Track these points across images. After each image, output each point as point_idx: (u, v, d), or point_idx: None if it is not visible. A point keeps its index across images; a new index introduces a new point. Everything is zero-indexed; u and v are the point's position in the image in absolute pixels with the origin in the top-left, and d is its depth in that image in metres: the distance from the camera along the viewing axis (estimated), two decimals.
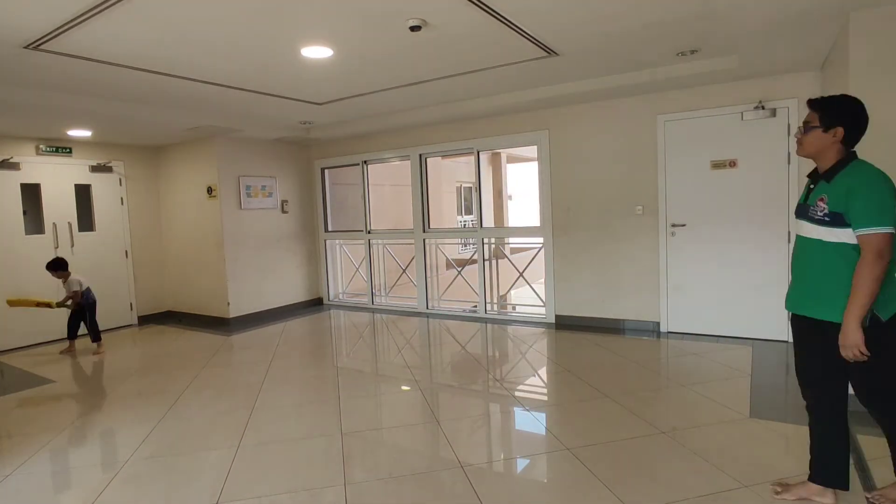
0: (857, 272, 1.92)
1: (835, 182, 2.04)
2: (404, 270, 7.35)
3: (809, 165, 2.16)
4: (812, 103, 2.14)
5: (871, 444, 2.71)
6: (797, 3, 2.88)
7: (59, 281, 5.34)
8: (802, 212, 2.15)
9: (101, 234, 6.52)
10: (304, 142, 7.26)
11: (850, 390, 2.13)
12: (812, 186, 2.15)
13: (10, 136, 5.71)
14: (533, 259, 6.38)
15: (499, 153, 12.78)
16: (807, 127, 2.12)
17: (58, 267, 5.30)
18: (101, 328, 5.52)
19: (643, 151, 5.10)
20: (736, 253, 4.73)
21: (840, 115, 2.06)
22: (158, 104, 5.02)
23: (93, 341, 5.45)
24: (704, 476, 2.47)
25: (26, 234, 5.87)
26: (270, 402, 3.76)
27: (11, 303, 5.21)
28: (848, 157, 2.07)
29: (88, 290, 5.43)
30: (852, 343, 1.93)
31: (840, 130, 2.04)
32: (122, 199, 6.73)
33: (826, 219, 2.03)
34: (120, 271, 6.70)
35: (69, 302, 5.29)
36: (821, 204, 2.06)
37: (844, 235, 1.99)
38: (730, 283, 4.79)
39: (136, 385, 4.30)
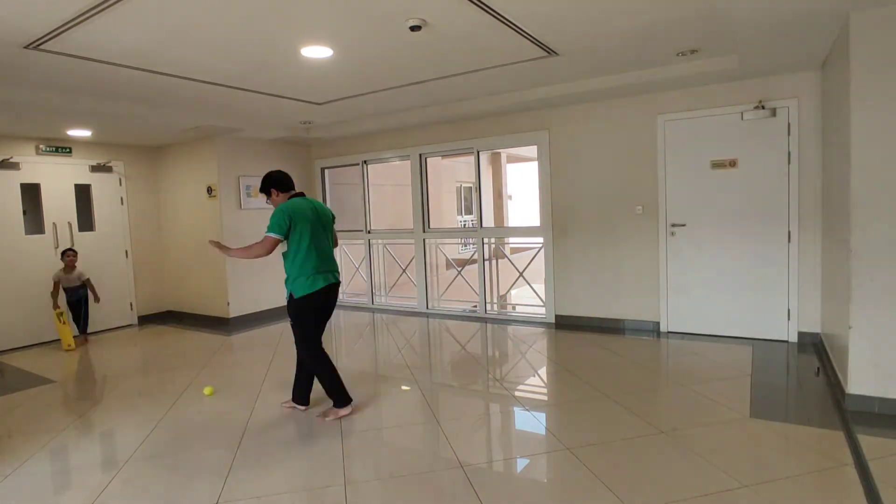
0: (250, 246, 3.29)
1: None
2: (404, 270, 7.35)
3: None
4: (260, 187, 3.49)
5: (871, 444, 2.71)
6: (797, 3, 2.88)
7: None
8: None
9: (101, 234, 6.52)
10: (304, 142, 7.26)
11: None
12: None
13: (10, 136, 5.71)
14: (533, 259, 6.38)
15: (499, 153, 12.78)
16: (269, 199, 3.47)
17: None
18: (101, 328, 5.54)
19: (643, 151, 5.10)
20: (736, 253, 4.73)
21: (267, 185, 3.42)
22: (158, 104, 5.02)
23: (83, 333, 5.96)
24: (704, 476, 2.47)
25: (26, 233, 5.87)
26: (270, 402, 3.76)
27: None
28: (289, 199, 3.37)
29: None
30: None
31: (274, 191, 3.41)
32: (121, 198, 6.73)
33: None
34: (120, 271, 6.69)
35: None
36: None
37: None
38: (730, 282, 4.79)
39: (136, 385, 4.30)
